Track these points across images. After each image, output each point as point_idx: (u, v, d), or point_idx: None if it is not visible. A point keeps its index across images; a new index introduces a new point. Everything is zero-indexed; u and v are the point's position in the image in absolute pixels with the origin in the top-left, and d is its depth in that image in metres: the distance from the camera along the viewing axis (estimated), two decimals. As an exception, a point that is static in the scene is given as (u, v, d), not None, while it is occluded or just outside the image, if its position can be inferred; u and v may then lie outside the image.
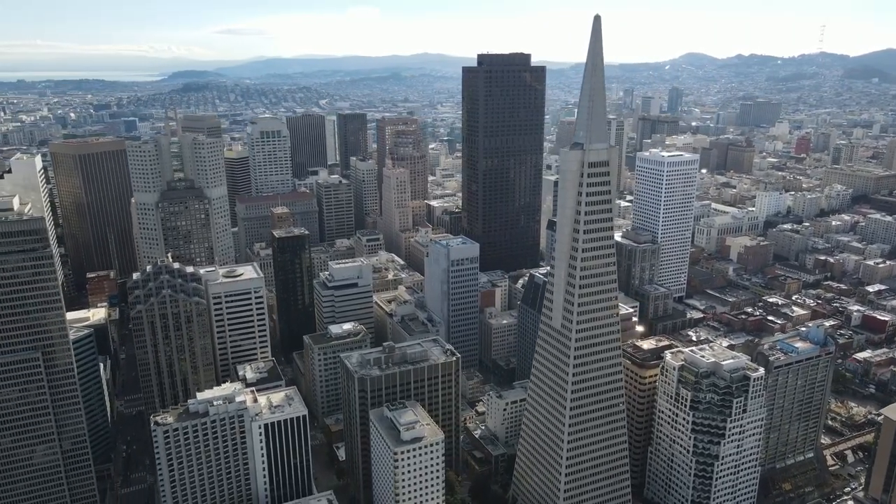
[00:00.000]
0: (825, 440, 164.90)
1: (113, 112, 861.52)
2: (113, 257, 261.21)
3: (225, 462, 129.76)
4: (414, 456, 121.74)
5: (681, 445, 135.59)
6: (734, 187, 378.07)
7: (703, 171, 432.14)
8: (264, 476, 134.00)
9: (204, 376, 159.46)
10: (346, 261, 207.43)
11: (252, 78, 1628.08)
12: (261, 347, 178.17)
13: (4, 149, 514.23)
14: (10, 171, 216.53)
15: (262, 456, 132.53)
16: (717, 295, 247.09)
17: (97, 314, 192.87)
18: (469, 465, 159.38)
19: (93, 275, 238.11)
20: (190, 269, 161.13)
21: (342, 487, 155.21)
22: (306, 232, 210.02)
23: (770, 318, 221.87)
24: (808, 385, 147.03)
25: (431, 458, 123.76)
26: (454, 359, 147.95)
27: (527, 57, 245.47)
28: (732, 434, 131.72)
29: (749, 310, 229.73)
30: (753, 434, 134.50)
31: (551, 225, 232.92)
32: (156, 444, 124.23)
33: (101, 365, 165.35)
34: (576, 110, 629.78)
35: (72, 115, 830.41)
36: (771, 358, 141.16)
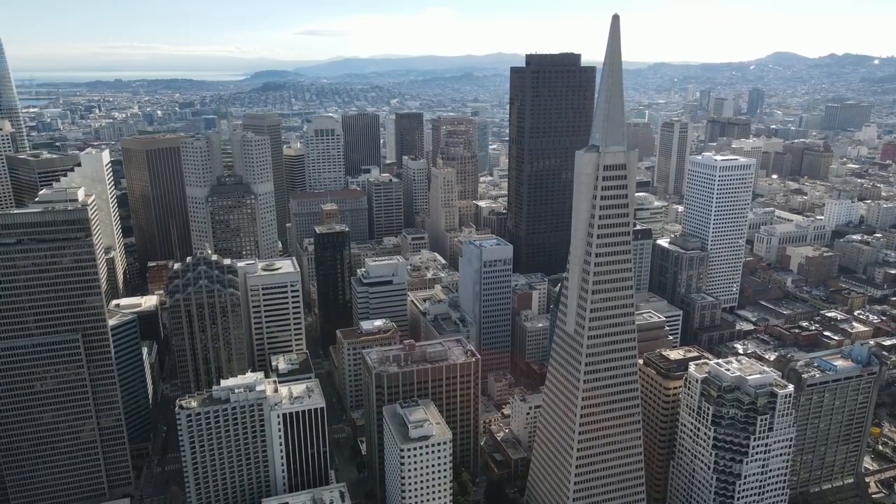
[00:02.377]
0: (871, 466, 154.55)
1: (196, 110, 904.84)
2: (175, 247, 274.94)
3: (245, 447, 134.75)
4: (420, 454, 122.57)
5: (702, 461, 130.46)
6: (805, 194, 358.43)
7: (774, 176, 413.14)
8: (282, 464, 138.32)
9: (237, 365, 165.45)
10: (383, 258, 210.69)
11: (329, 77, 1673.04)
12: (296, 339, 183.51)
13: (95, 143, 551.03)
14: (80, 165, 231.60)
15: (281, 444, 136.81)
16: (772, 307, 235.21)
17: (149, 301, 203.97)
18: (489, 467, 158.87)
19: (153, 264, 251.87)
20: (227, 261, 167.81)
21: (362, 481, 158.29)
22: (346, 228, 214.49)
23: (827, 333, 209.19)
24: (847, 406, 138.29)
25: (438, 457, 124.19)
26: (474, 360, 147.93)
27: (576, 57, 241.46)
28: (756, 453, 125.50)
29: (804, 324, 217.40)
30: (781, 454, 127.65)
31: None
32: (179, 427, 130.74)
33: (146, 349, 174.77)
34: (647, 112, 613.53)
35: (158, 112, 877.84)
36: (804, 375, 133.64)
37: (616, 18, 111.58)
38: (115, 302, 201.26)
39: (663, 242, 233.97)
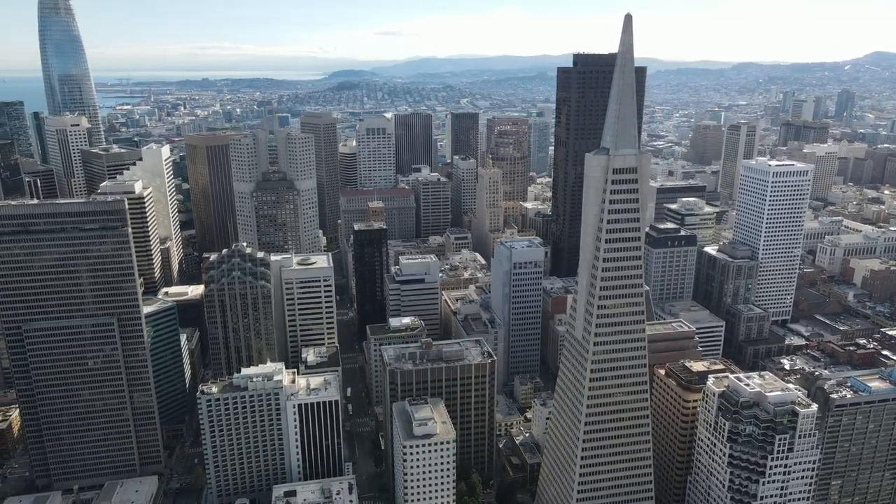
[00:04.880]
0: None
1: (272, 108, 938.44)
2: (231, 239, 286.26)
3: (261, 434, 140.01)
4: (422, 451, 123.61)
5: (717, 479, 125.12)
6: (882, 203, 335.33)
7: (850, 183, 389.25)
8: (297, 453, 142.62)
9: (268, 355, 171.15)
10: (416, 256, 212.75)
11: (403, 77, 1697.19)
12: (328, 333, 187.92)
13: (176, 139, 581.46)
14: (141, 159, 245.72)
15: (296, 433, 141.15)
16: (828, 322, 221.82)
17: (196, 290, 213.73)
18: (505, 470, 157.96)
19: (207, 255, 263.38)
20: (261, 254, 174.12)
21: (379, 475, 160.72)
22: (385, 226, 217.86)
23: (885, 352, 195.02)
24: (882, 430, 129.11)
25: (441, 456, 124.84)
26: (489, 361, 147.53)
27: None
28: (774, 473, 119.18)
29: (862, 341, 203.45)
30: (803, 477, 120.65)
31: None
32: (200, 412, 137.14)
33: (184, 336, 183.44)
34: (722, 114, 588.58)
35: (237, 110, 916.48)
36: (833, 395, 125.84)
37: (629, 18, 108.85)
38: (164, 290, 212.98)
39: (711, 250, 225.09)
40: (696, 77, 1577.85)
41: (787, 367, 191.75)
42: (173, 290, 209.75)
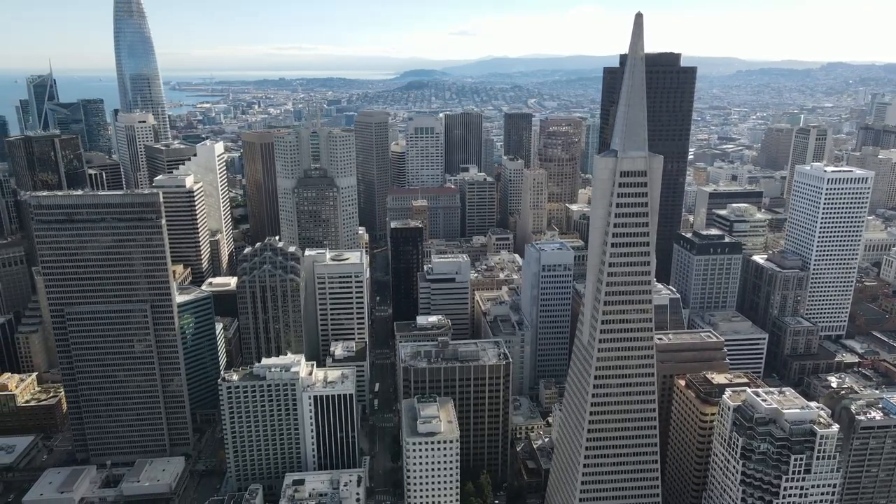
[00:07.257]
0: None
1: (341, 107, 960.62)
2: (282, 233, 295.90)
3: (278, 423, 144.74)
4: (424, 449, 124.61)
5: (729, 496, 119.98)
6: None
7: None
8: (312, 443, 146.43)
9: (295, 346, 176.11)
10: (449, 256, 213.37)
11: (474, 77, 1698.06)
12: (358, 328, 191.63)
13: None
14: (195, 155, 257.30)
15: (311, 424, 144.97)
16: (886, 339, 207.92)
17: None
18: (520, 473, 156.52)
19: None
20: (292, 248, 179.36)
21: (396, 470, 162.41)
22: (421, 225, 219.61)
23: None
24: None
25: (443, 455, 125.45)
26: (504, 363, 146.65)
27: (675, 57, 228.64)
28: (789, 495, 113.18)
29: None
30: (821, 501, 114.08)
31: (678, 238, 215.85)
32: (221, 398, 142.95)
33: (220, 324, 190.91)
34: (801, 116, 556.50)
35: (307, 109, 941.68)
36: (859, 416, 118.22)
37: (639, 17, 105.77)
38: (209, 280, 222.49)
39: (759, 258, 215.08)
40: (781, 77, 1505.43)
41: (833, 384, 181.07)
42: (217, 280, 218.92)
